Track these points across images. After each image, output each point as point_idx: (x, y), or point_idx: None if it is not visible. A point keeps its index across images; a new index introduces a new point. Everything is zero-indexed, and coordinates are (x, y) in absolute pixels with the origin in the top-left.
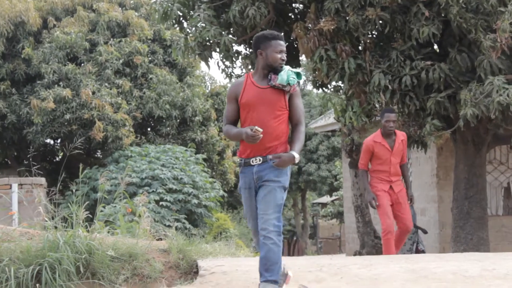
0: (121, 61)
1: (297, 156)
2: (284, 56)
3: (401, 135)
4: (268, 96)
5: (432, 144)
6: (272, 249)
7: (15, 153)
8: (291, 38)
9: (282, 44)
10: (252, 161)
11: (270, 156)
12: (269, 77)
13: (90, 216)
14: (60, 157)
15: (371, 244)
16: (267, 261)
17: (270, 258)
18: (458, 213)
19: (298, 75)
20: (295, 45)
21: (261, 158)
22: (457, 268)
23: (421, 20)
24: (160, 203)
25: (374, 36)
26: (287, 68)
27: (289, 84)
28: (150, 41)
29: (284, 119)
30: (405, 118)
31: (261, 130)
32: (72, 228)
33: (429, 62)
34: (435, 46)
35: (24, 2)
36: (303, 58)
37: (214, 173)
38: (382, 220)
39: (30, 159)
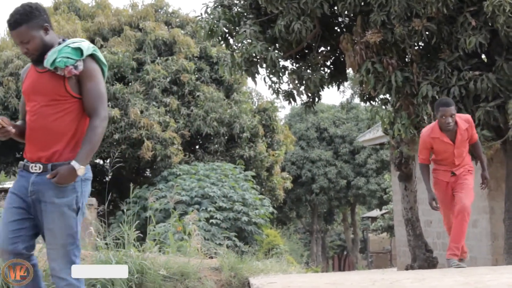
0: (168, 79)
1: (78, 166)
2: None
3: (463, 125)
4: (44, 82)
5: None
6: None
7: None
8: (338, 51)
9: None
10: (32, 168)
11: (48, 175)
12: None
13: (141, 235)
14: (110, 177)
15: (423, 258)
16: None
17: None
18: (510, 224)
19: (80, 52)
20: (342, 59)
21: (41, 166)
22: None
23: (468, 30)
24: (210, 221)
25: (421, 47)
26: (63, 44)
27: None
28: (196, 58)
29: (70, 111)
30: None
31: (5, 121)
32: (124, 248)
33: (477, 72)
34: (483, 56)
35: (72, 23)
36: (350, 71)
37: (263, 189)
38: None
39: None
